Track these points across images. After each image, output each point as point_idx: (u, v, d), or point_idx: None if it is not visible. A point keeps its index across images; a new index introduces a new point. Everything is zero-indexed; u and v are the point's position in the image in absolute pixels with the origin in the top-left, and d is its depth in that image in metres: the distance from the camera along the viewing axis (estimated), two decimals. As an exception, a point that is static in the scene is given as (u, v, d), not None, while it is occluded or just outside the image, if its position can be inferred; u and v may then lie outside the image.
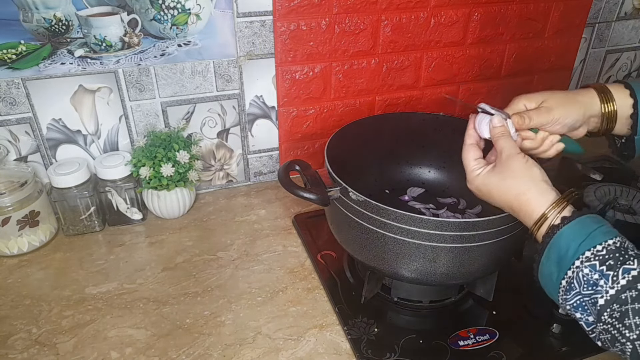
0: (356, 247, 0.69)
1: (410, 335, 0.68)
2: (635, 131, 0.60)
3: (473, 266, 0.64)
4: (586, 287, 0.47)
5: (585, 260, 0.47)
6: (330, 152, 0.72)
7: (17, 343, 0.66)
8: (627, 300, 0.44)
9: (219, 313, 0.71)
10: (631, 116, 0.60)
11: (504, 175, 0.56)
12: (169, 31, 0.81)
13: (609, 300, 0.46)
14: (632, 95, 0.60)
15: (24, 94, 0.79)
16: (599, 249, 0.47)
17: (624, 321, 0.44)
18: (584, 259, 0.47)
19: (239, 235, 0.87)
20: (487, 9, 0.97)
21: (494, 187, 0.57)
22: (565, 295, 0.49)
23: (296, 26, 0.87)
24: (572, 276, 0.48)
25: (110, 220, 0.88)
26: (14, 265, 0.79)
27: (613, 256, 0.46)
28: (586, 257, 0.47)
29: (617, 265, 0.46)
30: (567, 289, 0.49)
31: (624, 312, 0.44)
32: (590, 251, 0.47)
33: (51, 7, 0.74)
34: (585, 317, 0.48)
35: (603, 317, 0.46)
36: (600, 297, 0.46)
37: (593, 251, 0.47)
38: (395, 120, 0.86)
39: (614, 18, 1.14)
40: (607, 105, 0.60)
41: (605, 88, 0.61)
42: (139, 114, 0.88)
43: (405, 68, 0.98)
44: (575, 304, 0.48)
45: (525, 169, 0.55)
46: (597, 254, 0.47)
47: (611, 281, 0.46)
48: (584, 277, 0.47)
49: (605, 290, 0.46)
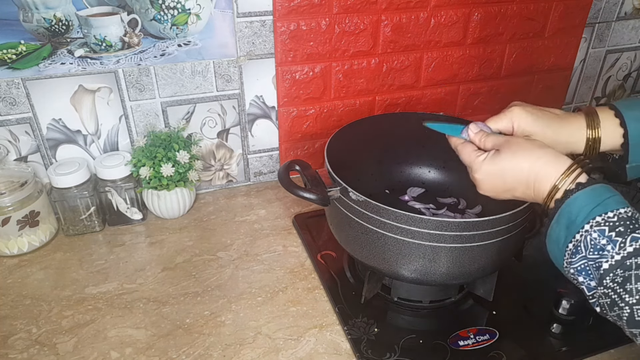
0: (356, 247, 0.69)
1: (410, 335, 0.68)
2: (627, 160, 0.60)
3: (473, 266, 0.64)
4: (592, 251, 0.47)
5: (595, 225, 0.47)
6: (330, 152, 0.72)
7: (17, 343, 0.66)
8: (631, 266, 0.45)
9: (219, 313, 0.71)
10: (622, 145, 0.60)
11: (514, 150, 0.55)
12: (169, 31, 0.81)
13: (614, 265, 0.46)
14: (622, 125, 0.60)
15: (24, 94, 0.79)
16: (610, 216, 0.47)
17: (625, 286, 0.45)
18: (594, 224, 0.47)
19: (239, 235, 0.87)
20: (487, 9, 0.97)
21: (507, 165, 0.55)
22: (570, 258, 0.49)
23: (296, 26, 0.87)
24: (579, 240, 0.48)
25: (110, 220, 0.88)
26: (14, 265, 0.79)
27: (623, 223, 0.46)
28: (596, 222, 0.47)
29: (626, 232, 0.46)
30: (573, 252, 0.49)
31: (627, 277, 0.45)
32: (601, 216, 0.47)
33: (51, 7, 0.74)
34: (587, 282, 0.48)
35: (605, 281, 0.46)
36: (605, 261, 0.46)
37: (604, 217, 0.47)
38: (395, 120, 0.86)
39: (614, 18, 1.14)
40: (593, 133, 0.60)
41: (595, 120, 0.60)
42: (139, 114, 0.88)
43: (405, 68, 0.98)
44: (580, 267, 0.48)
45: (530, 141, 0.55)
46: (608, 220, 0.47)
47: (618, 247, 0.46)
48: (591, 241, 0.47)
49: (611, 255, 0.46)
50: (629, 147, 0.60)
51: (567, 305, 0.70)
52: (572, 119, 0.61)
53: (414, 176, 0.91)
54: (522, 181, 0.55)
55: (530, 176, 0.54)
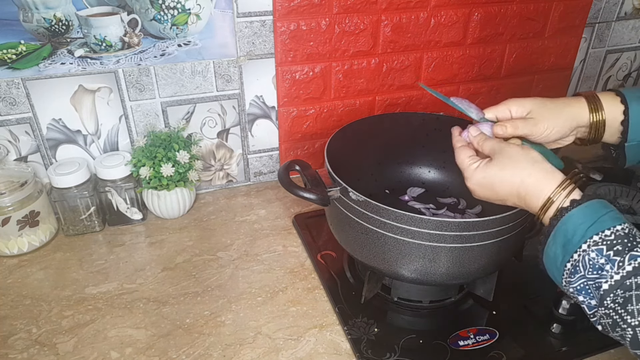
0: (356, 247, 0.69)
1: (410, 335, 0.68)
2: (626, 138, 0.60)
3: (473, 266, 0.64)
4: (591, 271, 0.47)
5: (593, 244, 0.47)
6: (330, 152, 0.72)
7: (17, 343, 0.66)
8: (631, 287, 0.44)
9: (219, 313, 0.71)
10: (622, 123, 0.60)
11: (504, 163, 0.55)
12: (169, 31, 0.81)
13: (613, 286, 0.45)
14: (623, 102, 0.60)
15: (24, 94, 0.79)
16: (607, 234, 0.47)
17: (626, 307, 0.44)
18: (592, 243, 0.47)
19: (239, 235, 0.87)
20: (487, 9, 0.97)
21: (496, 177, 0.55)
22: (569, 278, 0.49)
23: (296, 26, 0.87)
24: (577, 259, 0.48)
25: (110, 220, 0.88)
26: (14, 265, 0.79)
27: (621, 242, 0.46)
28: (594, 241, 0.47)
29: (624, 251, 0.46)
30: (572, 272, 0.48)
31: (628, 297, 0.44)
32: (598, 235, 0.47)
33: (51, 7, 0.74)
34: (587, 301, 0.48)
35: (606, 302, 0.46)
36: (604, 281, 0.46)
37: (601, 235, 0.47)
38: (395, 120, 0.86)
39: (614, 18, 1.14)
40: (595, 115, 0.60)
41: (595, 97, 0.61)
42: (139, 114, 0.88)
43: (405, 68, 0.98)
44: (579, 287, 0.48)
45: (523, 153, 0.55)
46: (605, 238, 0.47)
47: (617, 267, 0.45)
48: (590, 261, 0.47)
49: (610, 275, 0.46)
50: (629, 124, 0.59)
51: (567, 305, 0.70)
52: (572, 99, 0.62)
53: (414, 176, 0.91)
54: (513, 194, 0.55)
55: (520, 191, 0.54)
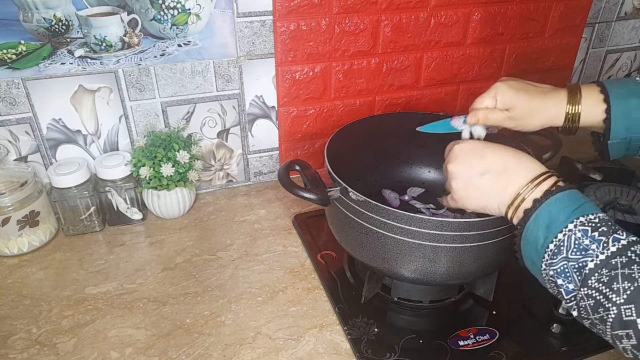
0: (356, 247, 0.69)
1: (410, 335, 0.68)
2: (608, 136, 0.60)
3: (473, 266, 0.64)
4: (575, 251, 0.47)
5: (580, 225, 0.48)
6: (330, 152, 0.72)
7: (17, 343, 0.66)
8: (617, 266, 0.45)
9: (219, 313, 0.71)
10: (604, 121, 0.60)
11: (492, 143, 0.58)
12: (169, 31, 0.81)
13: (599, 265, 0.46)
14: (606, 101, 0.60)
15: (24, 94, 0.79)
16: (591, 217, 0.48)
17: (612, 285, 0.44)
18: (579, 223, 0.48)
19: (239, 235, 0.87)
20: (487, 9, 0.97)
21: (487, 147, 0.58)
22: (551, 259, 0.49)
23: (296, 26, 0.87)
24: (562, 239, 0.48)
25: (110, 220, 0.88)
26: (14, 265, 0.79)
27: (605, 225, 0.47)
28: (580, 221, 0.48)
29: (609, 232, 0.47)
30: (555, 252, 0.49)
31: (613, 276, 0.45)
32: (584, 217, 0.48)
33: (51, 7, 0.74)
34: (565, 285, 0.48)
35: (590, 282, 0.46)
36: (590, 260, 0.46)
37: (587, 218, 0.48)
38: (395, 120, 0.86)
39: (614, 18, 1.14)
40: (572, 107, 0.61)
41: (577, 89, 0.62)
42: (139, 114, 0.88)
43: (405, 68, 0.98)
44: (560, 269, 0.48)
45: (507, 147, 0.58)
46: (591, 220, 0.48)
47: (602, 247, 0.46)
48: (575, 241, 0.47)
49: (596, 254, 0.46)
50: (610, 122, 0.60)
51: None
52: (553, 94, 0.63)
53: (414, 176, 0.91)
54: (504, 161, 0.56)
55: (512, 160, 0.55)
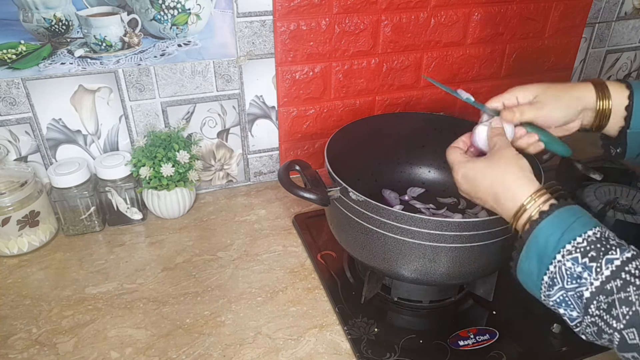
0: (356, 247, 0.69)
1: (410, 335, 0.68)
2: (629, 124, 0.59)
3: (473, 266, 0.64)
4: (570, 280, 0.46)
5: (567, 254, 0.46)
6: (330, 152, 0.72)
7: (17, 343, 0.66)
8: (612, 291, 0.44)
9: (219, 313, 0.71)
10: (626, 108, 0.59)
11: (493, 161, 0.55)
12: (169, 31, 0.81)
13: (595, 292, 0.45)
14: (629, 88, 0.59)
15: (24, 94, 0.79)
16: (579, 241, 0.46)
17: (611, 312, 0.44)
18: (565, 252, 0.46)
19: (239, 235, 0.87)
20: (487, 9, 0.97)
21: (480, 173, 0.56)
22: (547, 291, 0.48)
23: (296, 26, 0.87)
24: (554, 271, 0.47)
25: (110, 220, 0.88)
26: (14, 265, 0.79)
27: (594, 247, 0.46)
28: (567, 250, 0.46)
29: (599, 256, 0.45)
30: (550, 284, 0.48)
31: (611, 302, 0.44)
32: (570, 244, 0.46)
33: (51, 7, 0.74)
34: (568, 313, 0.48)
35: (590, 310, 0.45)
36: (585, 289, 0.45)
37: (573, 244, 0.46)
38: (395, 120, 0.86)
39: (614, 18, 1.14)
40: (603, 102, 0.60)
41: (603, 84, 0.61)
42: (139, 114, 0.88)
43: (405, 68, 0.98)
44: (559, 299, 0.48)
45: (514, 158, 0.55)
46: (578, 246, 0.46)
47: (595, 273, 0.45)
48: (567, 271, 0.46)
49: (590, 282, 0.45)
50: (632, 109, 0.59)
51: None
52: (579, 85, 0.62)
53: (414, 176, 0.91)
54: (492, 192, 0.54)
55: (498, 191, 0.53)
